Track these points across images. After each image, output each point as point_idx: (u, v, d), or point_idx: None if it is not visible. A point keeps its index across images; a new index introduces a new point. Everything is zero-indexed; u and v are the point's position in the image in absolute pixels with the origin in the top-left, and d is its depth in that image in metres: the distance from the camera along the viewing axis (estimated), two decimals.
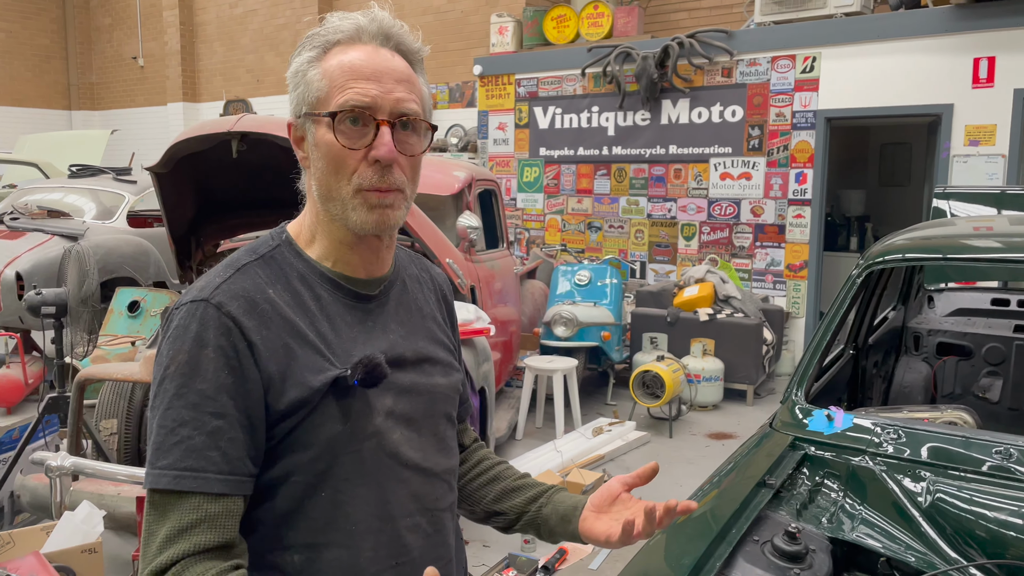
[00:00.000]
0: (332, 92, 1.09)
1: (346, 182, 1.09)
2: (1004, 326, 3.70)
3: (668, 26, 9.16)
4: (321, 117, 1.09)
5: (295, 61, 1.13)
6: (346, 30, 1.12)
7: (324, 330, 1.11)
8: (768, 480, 1.99)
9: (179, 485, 1.00)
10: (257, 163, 4.24)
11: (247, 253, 1.14)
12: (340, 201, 1.10)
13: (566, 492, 1.36)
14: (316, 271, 1.14)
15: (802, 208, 7.41)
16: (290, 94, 1.15)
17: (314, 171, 1.13)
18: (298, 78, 1.13)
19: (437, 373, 1.24)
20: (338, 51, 1.11)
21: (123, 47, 15.66)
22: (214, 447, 1.01)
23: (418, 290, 1.29)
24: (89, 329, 4.08)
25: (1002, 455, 2.00)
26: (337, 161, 1.09)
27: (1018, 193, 4.29)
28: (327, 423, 1.07)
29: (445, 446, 1.24)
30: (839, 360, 3.02)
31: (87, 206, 7.43)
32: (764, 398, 6.82)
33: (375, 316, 1.18)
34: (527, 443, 5.50)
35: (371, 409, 1.11)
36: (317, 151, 1.11)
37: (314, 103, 1.10)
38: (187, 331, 1.03)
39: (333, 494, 1.09)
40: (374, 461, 1.12)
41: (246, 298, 1.06)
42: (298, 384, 1.06)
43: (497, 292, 5.52)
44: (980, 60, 6.47)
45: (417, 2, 10.92)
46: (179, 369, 1.02)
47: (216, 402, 1.01)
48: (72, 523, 2.98)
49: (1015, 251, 2.36)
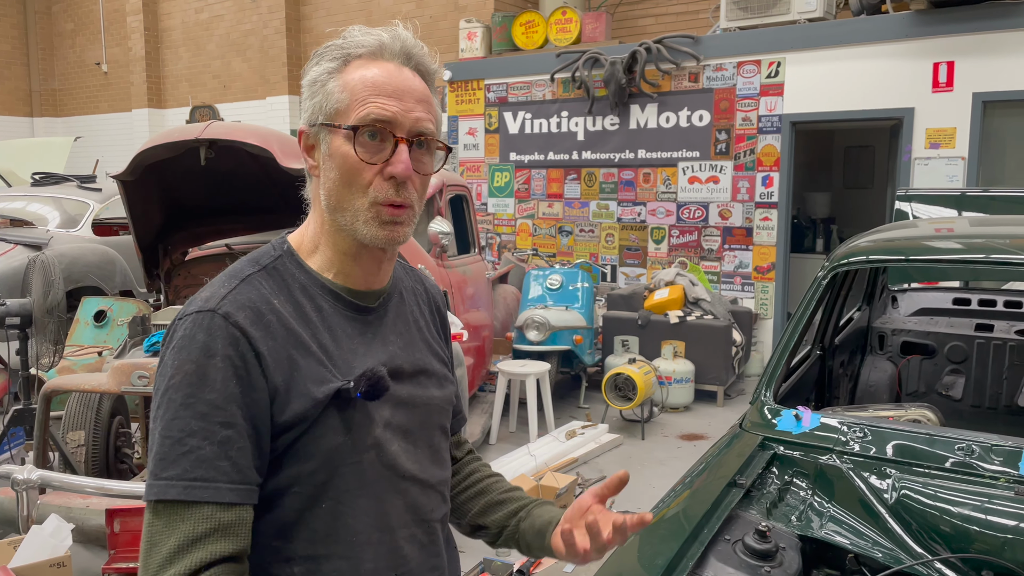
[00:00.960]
0: (353, 105, 1.10)
1: (360, 194, 1.10)
2: (966, 325, 3.78)
3: (635, 31, 9.25)
4: (340, 128, 1.10)
5: (312, 70, 1.14)
6: (369, 45, 1.13)
7: (326, 341, 1.11)
8: (739, 480, 2.02)
9: (190, 495, 1.00)
10: (225, 170, 4.22)
11: (250, 264, 1.14)
12: (351, 212, 1.11)
13: (547, 506, 1.36)
14: (317, 282, 1.15)
15: (769, 211, 7.52)
16: (304, 102, 1.15)
17: (324, 181, 1.13)
18: (316, 87, 1.13)
19: (432, 385, 1.25)
20: (359, 65, 1.12)
21: (86, 53, 15.43)
22: (224, 457, 1.01)
23: (414, 302, 1.30)
24: (55, 340, 4.01)
25: (964, 451, 2.05)
26: (352, 173, 1.10)
27: (977, 195, 4.39)
28: (328, 434, 1.08)
29: (439, 457, 1.26)
30: (806, 360, 3.07)
31: (51, 215, 7.31)
32: (734, 399, 6.89)
33: (374, 328, 1.19)
34: (501, 447, 5.51)
35: (371, 421, 1.12)
36: (331, 161, 1.11)
37: (332, 114, 1.11)
38: (193, 341, 1.03)
39: (334, 505, 1.10)
40: (373, 472, 1.13)
41: (252, 309, 1.06)
42: (301, 395, 1.06)
43: (469, 297, 5.53)
44: (940, 65, 6.61)
45: (385, 7, 10.90)
46: (186, 379, 1.02)
47: (225, 412, 1.01)
48: (40, 537, 2.94)
49: (975, 252, 2.42)
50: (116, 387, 3.42)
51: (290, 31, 11.83)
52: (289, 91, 11.88)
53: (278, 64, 11.92)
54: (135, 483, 3.60)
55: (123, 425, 4.30)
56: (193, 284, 4.89)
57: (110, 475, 4.10)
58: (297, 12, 11.91)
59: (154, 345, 3.79)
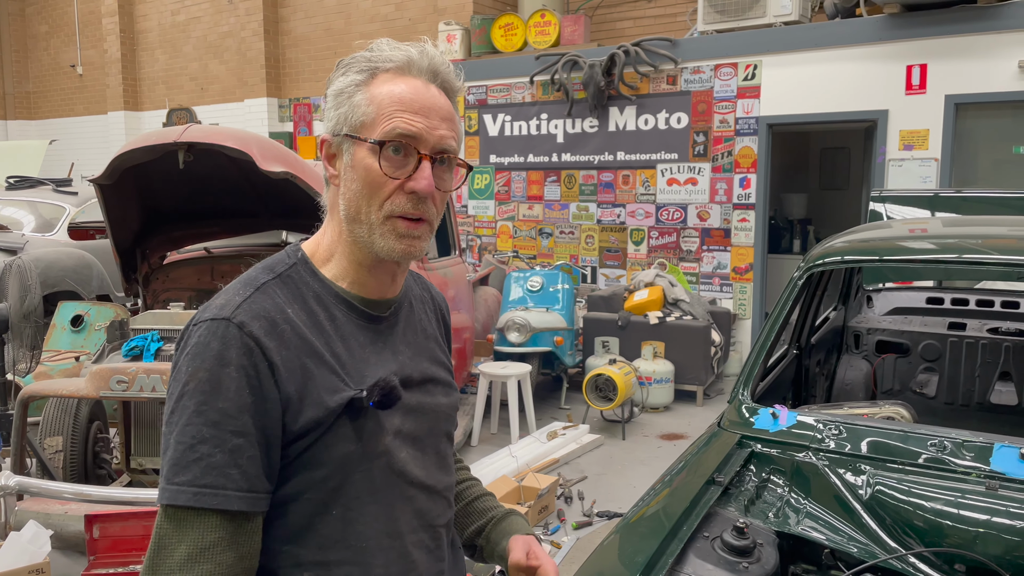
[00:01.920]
0: (379, 119, 1.11)
1: (377, 207, 1.12)
2: (939, 324, 3.85)
3: (614, 34, 9.30)
4: (365, 141, 1.11)
5: (339, 80, 1.15)
6: (397, 60, 1.14)
7: (339, 351, 1.13)
8: (717, 478, 2.05)
9: (199, 502, 1.01)
10: (204, 174, 4.20)
11: (264, 271, 1.15)
12: (368, 225, 1.12)
13: (505, 525, 1.41)
14: (331, 291, 1.16)
15: (746, 212, 7.59)
16: (327, 111, 1.16)
17: (344, 191, 1.14)
18: (342, 98, 1.14)
19: (439, 393, 1.28)
20: (386, 79, 1.13)
21: (61, 55, 15.26)
22: (234, 465, 1.02)
23: (422, 311, 1.32)
24: (32, 345, 3.98)
25: (937, 447, 2.09)
26: (374, 186, 1.11)
27: (950, 196, 4.47)
28: (340, 442, 1.10)
29: (445, 463, 1.28)
30: (783, 360, 3.11)
31: (26, 219, 7.23)
32: (713, 398, 6.95)
33: (385, 337, 1.20)
34: (483, 449, 5.52)
35: (382, 429, 1.14)
36: (353, 172, 1.13)
37: (357, 126, 1.12)
38: (208, 348, 1.04)
39: (344, 512, 1.11)
40: (383, 479, 1.14)
41: (267, 318, 1.07)
42: (315, 404, 1.07)
43: (450, 299, 5.53)
44: (913, 67, 6.71)
45: (364, 10, 10.88)
46: (199, 386, 1.03)
47: (237, 420, 1.02)
48: (18, 544, 2.91)
49: (948, 252, 2.46)
50: (94, 392, 3.40)
51: (268, 33, 11.77)
52: (267, 93, 11.81)
53: (256, 66, 11.85)
54: (114, 488, 3.58)
55: (101, 430, 4.27)
56: (172, 288, 4.86)
57: (88, 481, 4.07)
58: (275, 14, 11.85)
59: (132, 350, 3.76)
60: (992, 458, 2.02)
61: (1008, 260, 2.30)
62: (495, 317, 6.79)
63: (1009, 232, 2.68)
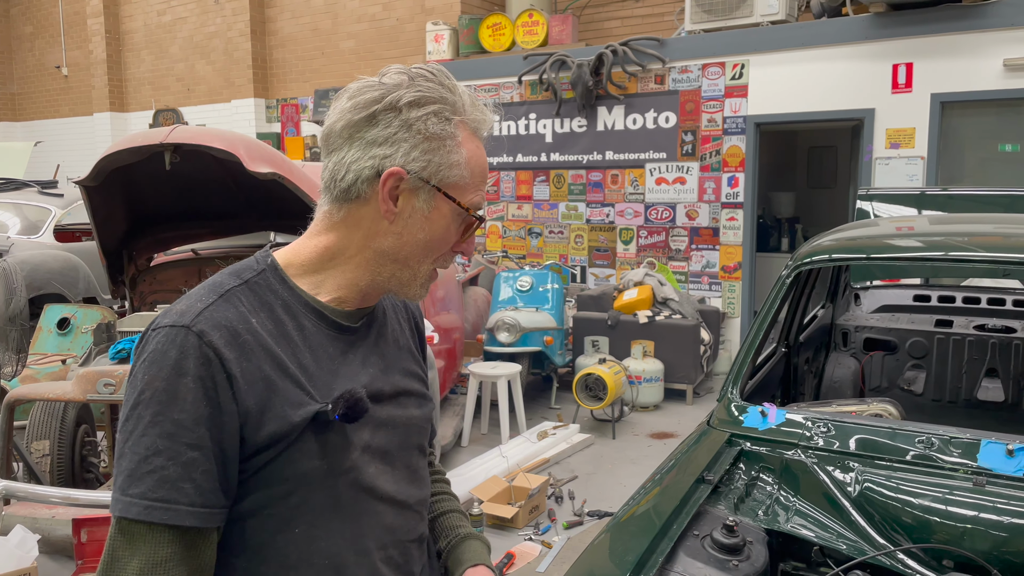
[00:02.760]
0: (469, 188, 1.13)
1: (430, 261, 1.16)
2: (926, 321, 3.87)
3: (602, 34, 9.31)
4: (455, 203, 1.12)
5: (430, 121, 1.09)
6: (478, 120, 1.14)
7: (306, 362, 1.09)
8: (707, 476, 2.05)
9: (150, 516, 0.98)
10: (191, 175, 4.18)
11: (231, 277, 1.11)
12: (412, 272, 1.15)
13: (460, 552, 1.39)
14: (301, 300, 1.12)
15: (735, 211, 7.61)
16: (412, 146, 1.09)
17: (403, 233, 1.12)
18: (435, 144, 1.09)
19: (412, 405, 1.25)
20: (468, 138, 1.13)
21: (45, 56, 15.16)
22: (187, 479, 0.99)
23: (395, 320, 1.30)
24: (18, 348, 3.95)
25: (924, 444, 2.10)
26: (440, 244, 1.14)
27: (936, 194, 4.50)
28: (304, 458, 1.06)
29: (418, 477, 1.25)
30: (772, 358, 3.12)
31: (11, 221, 7.18)
32: (703, 397, 6.97)
33: (356, 348, 1.17)
34: (473, 449, 5.51)
35: (349, 444, 1.11)
36: (427, 224, 1.12)
37: (450, 185, 1.11)
38: (165, 357, 1.01)
39: (308, 528, 1.08)
40: (349, 495, 1.12)
41: (228, 328, 1.04)
42: (277, 418, 1.04)
43: (440, 300, 5.53)
44: (899, 66, 6.75)
45: (352, 10, 10.85)
46: (155, 396, 1.00)
47: (193, 433, 1.00)
48: (6, 548, 2.89)
49: (935, 249, 2.48)
50: (81, 395, 3.38)
51: (255, 33, 11.72)
52: (254, 94, 11.76)
53: (243, 67, 11.81)
54: (101, 492, 3.55)
55: (89, 434, 4.24)
56: (159, 290, 4.84)
57: (76, 485, 4.04)
58: (262, 14, 11.81)
59: (119, 352, 3.74)
60: (979, 454, 2.03)
61: (994, 257, 2.31)
62: (485, 317, 6.79)
63: (995, 229, 2.70)
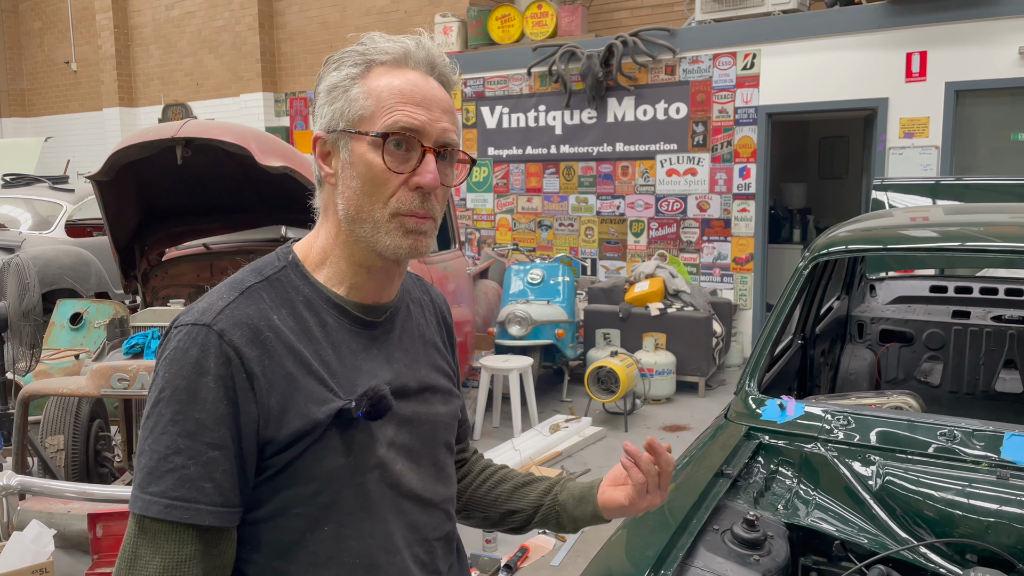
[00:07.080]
0: (378, 113, 1.06)
1: (381, 204, 1.07)
2: (942, 312, 3.83)
3: (611, 25, 9.25)
4: (365, 136, 1.07)
5: (331, 75, 1.10)
6: (393, 52, 1.10)
7: (329, 358, 1.08)
8: (726, 470, 2.03)
9: (170, 515, 0.98)
10: (202, 169, 4.17)
11: (252, 274, 1.10)
12: (372, 223, 1.08)
13: (576, 481, 1.38)
14: (323, 296, 1.11)
15: (746, 202, 7.56)
16: (320, 108, 1.11)
17: (343, 190, 1.09)
18: (336, 93, 1.09)
19: (438, 401, 1.22)
20: (383, 72, 1.09)
21: (55, 52, 15.19)
22: (208, 478, 0.99)
23: (420, 315, 1.27)
24: (31, 343, 3.96)
25: (947, 437, 2.08)
26: (377, 182, 1.06)
27: (952, 183, 4.45)
28: (330, 455, 1.05)
29: (444, 475, 1.24)
30: (788, 350, 3.09)
31: (23, 217, 7.20)
32: (715, 389, 6.94)
33: (380, 343, 1.15)
34: (485, 443, 5.51)
35: (374, 440, 1.09)
36: (352, 170, 1.08)
37: (356, 121, 1.07)
38: (186, 355, 1.00)
39: (337, 528, 1.07)
40: (377, 493, 1.10)
41: (249, 326, 1.03)
42: (301, 415, 1.03)
43: (451, 293, 5.51)
44: (912, 55, 6.69)
45: (360, 2, 10.83)
46: (176, 395, 0.99)
47: (213, 432, 0.99)
48: (22, 543, 2.90)
49: (951, 240, 2.45)
50: (95, 390, 3.38)
51: (263, 27, 11.71)
52: (263, 88, 11.76)
53: (251, 60, 11.80)
54: (116, 487, 3.56)
55: (103, 428, 4.25)
56: (171, 285, 4.84)
57: (90, 479, 4.05)
58: (270, 8, 11.79)
59: (133, 347, 3.74)
60: (1002, 447, 2.01)
61: (1011, 247, 2.28)
62: (496, 310, 6.77)
63: (1011, 219, 2.66)
